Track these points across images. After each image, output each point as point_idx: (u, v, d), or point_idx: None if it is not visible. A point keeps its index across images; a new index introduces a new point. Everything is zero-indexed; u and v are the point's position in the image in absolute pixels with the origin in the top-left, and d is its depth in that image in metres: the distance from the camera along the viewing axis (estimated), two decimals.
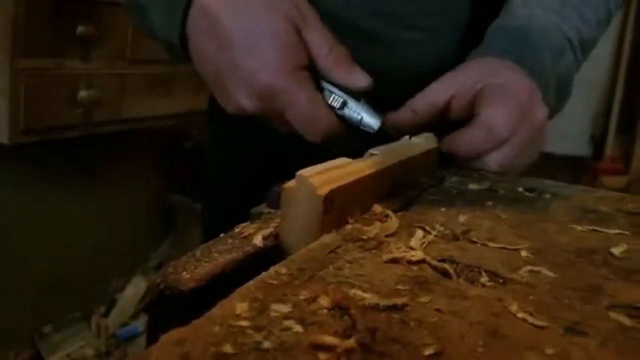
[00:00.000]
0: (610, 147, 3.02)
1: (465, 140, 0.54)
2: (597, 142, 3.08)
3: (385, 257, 0.31)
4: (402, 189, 0.45)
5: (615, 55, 2.82)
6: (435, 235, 0.36)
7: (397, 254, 0.31)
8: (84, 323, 2.10)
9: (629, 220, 0.43)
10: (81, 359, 1.95)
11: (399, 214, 0.40)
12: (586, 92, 2.77)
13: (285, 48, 0.48)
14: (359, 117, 0.51)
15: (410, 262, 0.31)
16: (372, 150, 0.44)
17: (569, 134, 2.81)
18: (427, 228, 0.37)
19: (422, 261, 0.31)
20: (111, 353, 2.03)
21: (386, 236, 0.35)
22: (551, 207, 0.44)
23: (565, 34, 0.65)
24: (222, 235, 0.35)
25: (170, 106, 1.85)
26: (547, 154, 0.60)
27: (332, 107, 0.51)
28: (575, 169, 3.82)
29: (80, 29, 1.43)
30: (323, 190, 0.33)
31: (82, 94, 1.48)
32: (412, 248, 0.33)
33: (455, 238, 0.35)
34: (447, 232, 0.36)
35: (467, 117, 0.57)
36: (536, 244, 0.36)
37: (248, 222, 0.38)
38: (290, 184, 0.34)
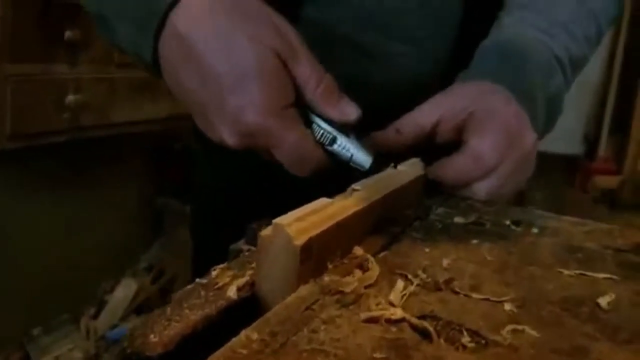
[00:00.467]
0: (604, 147, 3.03)
1: (452, 168, 0.53)
2: (591, 142, 3.08)
3: (364, 315, 0.30)
4: (386, 224, 0.44)
5: (609, 56, 2.82)
6: (418, 285, 0.34)
7: (375, 312, 0.30)
8: (73, 325, 2.08)
9: (617, 259, 0.42)
10: None
11: (381, 255, 0.39)
12: (580, 92, 2.77)
13: (273, 84, 0.46)
14: (349, 155, 0.49)
15: (389, 321, 0.30)
16: (355, 186, 0.43)
17: (563, 133, 2.80)
18: (409, 276, 0.35)
19: (401, 320, 0.30)
20: (100, 355, 2.02)
21: (365, 287, 0.33)
22: (538, 246, 0.43)
23: (554, 53, 0.64)
24: (196, 281, 0.34)
25: (159, 110, 1.83)
26: (540, 152, 0.59)
27: (321, 143, 0.49)
28: (569, 169, 3.83)
29: (68, 34, 1.41)
30: (300, 240, 0.32)
31: (70, 98, 1.46)
32: (391, 304, 0.31)
33: (438, 288, 0.34)
34: (429, 280, 0.35)
35: (455, 142, 0.56)
36: (521, 292, 0.35)
37: (225, 265, 0.37)
38: (267, 231, 0.33)
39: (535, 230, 0.47)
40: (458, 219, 0.48)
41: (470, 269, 0.38)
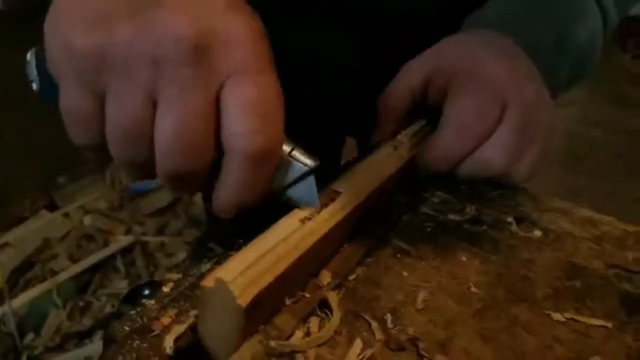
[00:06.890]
0: None
1: (436, 147, 0.45)
2: None
3: None
4: (368, 224, 0.40)
5: None
6: (379, 340, 0.31)
7: None
8: (99, 175, 2.13)
9: (621, 289, 0.37)
10: (94, 211, 2.00)
11: (351, 280, 0.35)
12: None
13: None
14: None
15: None
16: (336, 187, 0.38)
17: None
18: (373, 325, 0.32)
19: None
20: (124, 207, 2.08)
21: (319, 345, 0.30)
22: (534, 265, 0.39)
23: None
24: (130, 314, 0.31)
25: None
26: None
27: None
28: (624, 30, 3.60)
29: None
30: (245, 299, 0.28)
31: None
32: None
33: (401, 347, 0.31)
34: (395, 332, 0.32)
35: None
36: (495, 354, 0.31)
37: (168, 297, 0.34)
38: (209, 282, 0.29)
39: (538, 233, 0.42)
40: (453, 216, 0.43)
41: (447, 309, 0.34)
